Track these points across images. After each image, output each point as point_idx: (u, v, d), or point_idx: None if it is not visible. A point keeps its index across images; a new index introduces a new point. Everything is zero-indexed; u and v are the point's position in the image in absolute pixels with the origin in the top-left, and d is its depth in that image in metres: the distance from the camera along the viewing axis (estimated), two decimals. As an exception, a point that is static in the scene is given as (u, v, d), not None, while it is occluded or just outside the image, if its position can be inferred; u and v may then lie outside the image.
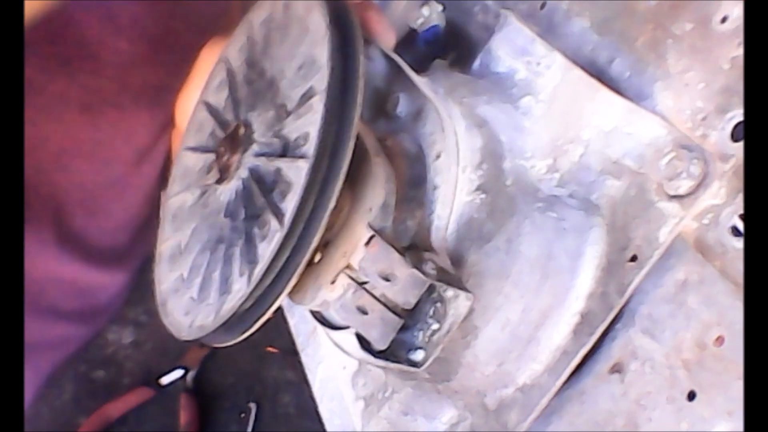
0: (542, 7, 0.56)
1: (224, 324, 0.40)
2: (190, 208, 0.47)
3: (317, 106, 0.39)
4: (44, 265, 0.77)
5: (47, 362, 0.80)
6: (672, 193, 0.42)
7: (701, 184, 0.41)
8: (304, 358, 0.63)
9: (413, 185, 0.46)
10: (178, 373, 0.79)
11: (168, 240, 0.48)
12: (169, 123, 0.73)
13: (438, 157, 0.45)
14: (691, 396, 0.41)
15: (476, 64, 0.53)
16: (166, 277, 0.46)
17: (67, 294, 0.80)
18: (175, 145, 0.77)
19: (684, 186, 0.41)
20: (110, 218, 0.81)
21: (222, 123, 0.47)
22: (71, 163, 0.74)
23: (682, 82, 0.44)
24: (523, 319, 0.44)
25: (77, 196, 0.77)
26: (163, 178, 0.79)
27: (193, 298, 0.43)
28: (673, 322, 0.43)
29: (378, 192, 0.41)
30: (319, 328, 0.46)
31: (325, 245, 0.42)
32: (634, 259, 0.43)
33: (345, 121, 0.39)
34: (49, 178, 0.74)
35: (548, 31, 0.54)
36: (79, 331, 0.82)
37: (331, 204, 0.38)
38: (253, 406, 0.76)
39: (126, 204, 0.80)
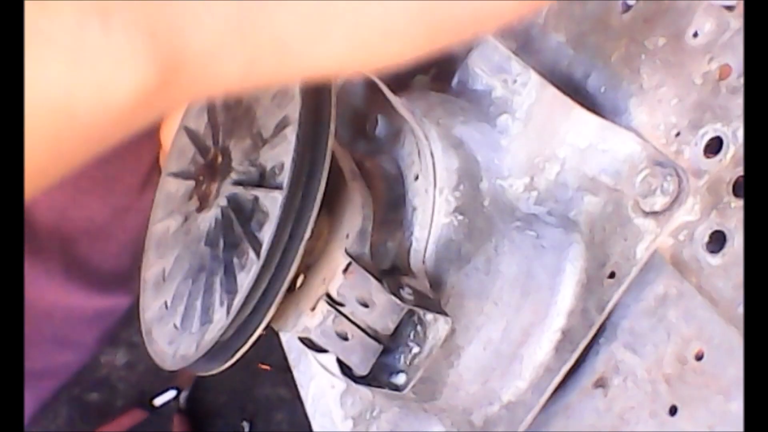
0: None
1: (206, 354, 0.40)
2: (173, 235, 0.47)
3: (291, 136, 0.39)
4: (51, 295, 0.78)
5: (48, 388, 0.81)
6: (648, 209, 0.42)
7: (676, 201, 0.41)
8: (297, 375, 0.64)
9: (392, 207, 0.46)
10: (170, 394, 0.79)
11: (152, 267, 0.48)
12: None
13: (416, 178, 0.46)
14: (673, 411, 0.41)
15: (454, 80, 0.53)
16: (150, 305, 0.46)
17: (75, 322, 0.81)
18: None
19: (659, 202, 0.41)
20: (114, 242, 0.82)
21: (202, 149, 0.48)
22: (84, 199, 0.76)
23: (656, 98, 0.44)
24: (505, 337, 0.45)
25: (83, 225, 0.78)
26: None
27: (176, 326, 0.43)
28: (654, 337, 0.43)
29: (355, 218, 0.42)
30: (307, 347, 0.47)
31: (304, 271, 0.42)
32: (612, 275, 0.43)
33: (318, 150, 0.39)
34: (62, 215, 0.75)
35: (525, 45, 0.54)
36: (81, 356, 0.83)
37: (307, 234, 0.38)
38: (246, 424, 0.76)
39: (128, 227, 0.81)
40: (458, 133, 0.46)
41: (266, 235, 0.38)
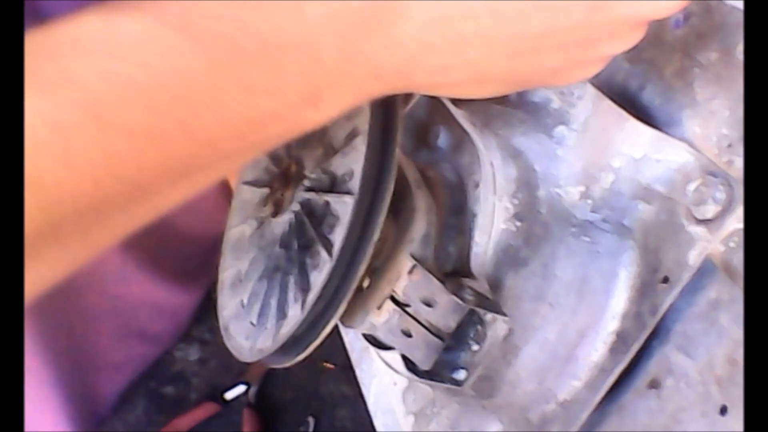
0: (577, 35, 0.58)
1: (281, 347, 0.43)
2: (248, 239, 0.51)
3: (360, 145, 0.42)
4: (140, 289, 0.83)
5: (124, 380, 0.86)
6: (700, 217, 0.43)
7: (727, 209, 0.42)
8: (359, 373, 0.67)
9: (454, 213, 0.49)
10: (241, 389, 0.83)
11: (229, 269, 0.51)
12: None
13: (476, 186, 0.48)
14: (723, 410, 0.43)
15: (513, 93, 0.56)
16: (227, 303, 0.50)
17: (156, 315, 0.86)
18: (230, 179, 0.82)
19: (711, 211, 0.43)
20: (190, 238, 0.87)
21: (275, 159, 0.51)
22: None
23: (709, 110, 0.46)
24: (561, 338, 0.47)
25: (164, 218, 0.82)
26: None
27: (252, 323, 0.47)
28: (706, 340, 0.45)
29: (420, 223, 0.44)
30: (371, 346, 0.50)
31: (372, 272, 0.45)
32: (665, 280, 0.45)
33: (386, 158, 0.42)
34: None
35: (583, 59, 0.56)
36: (156, 349, 0.88)
37: (375, 236, 0.41)
38: (311, 419, 0.79)
39: (201, 225, 0.86)
40: (517, 143, 0.49)
41: (338, 236, 0.41)
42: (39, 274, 0.31)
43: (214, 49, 0.31)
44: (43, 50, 0.30)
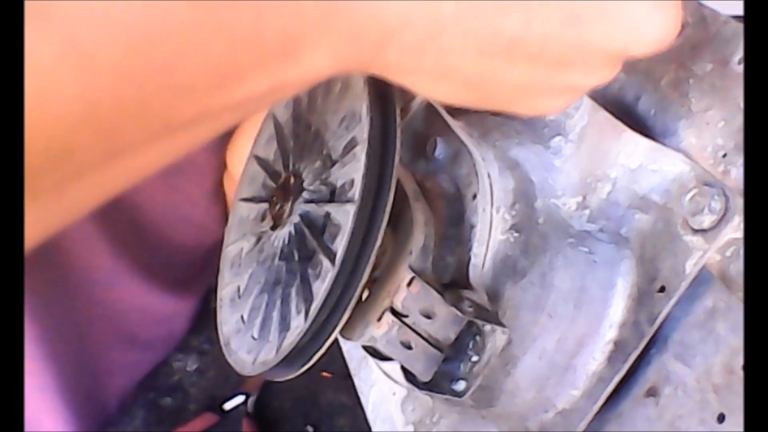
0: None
1: (285, 358, 0.43)
2: (246, 255, 0.51)
3: (360, 154, 0.42)
4: (131, 295, 0.83)
5: (120, 386, 0.86)
6: (696, 227, 0.44)
7: (723, 219, 0.43)
8: (357, 382, 0.67)
9: (452, 224, 0.49)
10: (239, 399, 0.83)
11: (228, 285, 0.51)
12: None
13: (474, 198, 0.48)
14: (721, 418, 0.43)
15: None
16: (227, 320, 0.50)
17: (148, 322, 0.86)
18: (228, 190, 0.82)
19: (707, 221, 0.43)
20: (182, 244, 0.87)
21: (272, 174, 0.51)
22: (148, 203, 0.80)
23: (704, 120, 0.46)
24: (559, 348, 0.47)
25: (152, 228, 0.82)
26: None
27: (254, 337, 0.47)
28: (704, 348, 0.45)
29: (418, 235, 0.45)
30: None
31: (371, 284, 0.45)
32: (662, 289, 0.45)
33: (386, 165, 0.42)
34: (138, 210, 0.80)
35: (578, 69, 0.56)
36: (149, 357, 0.88)
37: (378, 242, 0.41)
38: (310, 429, 0.79)
39: (190, 235, 0.86)
40: (514, 154, 0.49)
41: (340, 244, 0.41)
42: None
43: None
44: None
